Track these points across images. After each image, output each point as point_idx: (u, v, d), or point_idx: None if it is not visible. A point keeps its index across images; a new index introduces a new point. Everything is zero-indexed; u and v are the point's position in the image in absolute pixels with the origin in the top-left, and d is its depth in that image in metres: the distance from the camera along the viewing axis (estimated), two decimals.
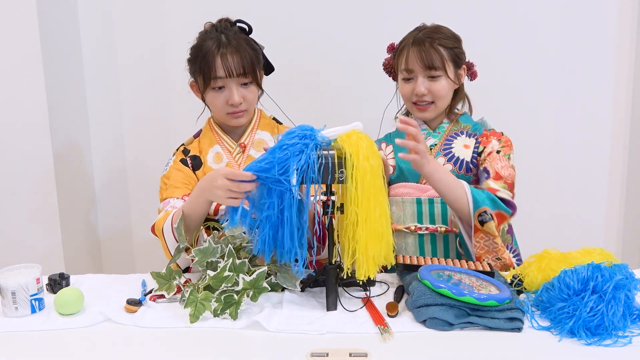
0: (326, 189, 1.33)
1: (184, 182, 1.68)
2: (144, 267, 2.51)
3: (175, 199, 1.63)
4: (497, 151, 1.68)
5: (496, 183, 1.63)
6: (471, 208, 1.55)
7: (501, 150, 1.69)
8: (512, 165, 1.68)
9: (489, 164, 1.67)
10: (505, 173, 1.65)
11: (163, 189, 1.70)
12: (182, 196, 1.64)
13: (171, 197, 1.64)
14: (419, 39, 1.68)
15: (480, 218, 1.56)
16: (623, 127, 2.50)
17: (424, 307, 1.25)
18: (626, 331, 1.19)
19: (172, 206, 1.61)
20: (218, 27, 1.66)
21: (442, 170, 1.56)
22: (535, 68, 2.45)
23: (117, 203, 2.59)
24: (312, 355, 1.13)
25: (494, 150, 1.69)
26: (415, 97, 1.70)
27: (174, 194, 1.64)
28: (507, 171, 1.66)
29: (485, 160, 1.68)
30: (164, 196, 1.68)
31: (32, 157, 2.22)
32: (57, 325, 1.30)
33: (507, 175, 1.65)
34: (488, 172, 1.66)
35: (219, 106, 1.66)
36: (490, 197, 1.58)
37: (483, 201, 1.56)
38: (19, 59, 2.15)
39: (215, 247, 1.39)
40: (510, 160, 1.69)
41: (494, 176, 1.64)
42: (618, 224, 2.59)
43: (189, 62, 1.69)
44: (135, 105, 2.51)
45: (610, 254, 1.40)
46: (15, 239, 2.28)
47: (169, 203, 1.63)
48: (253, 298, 1.32)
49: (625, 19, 2.40)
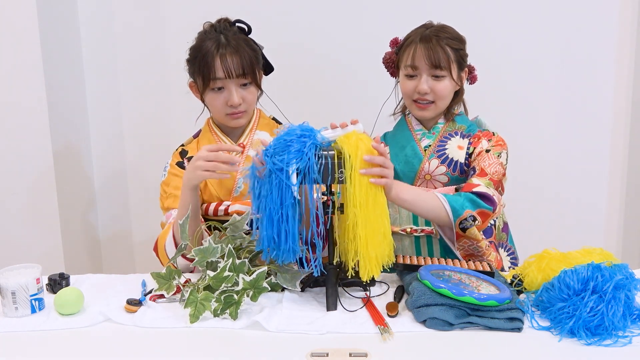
0: (326, 189, 1.33)
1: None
2: (144, 267, 2.51)
3: (176, 210, 1.61)
4: (487, 150, 1.67)
5: (479, 179, 1.60)
6: (451, 218, 1.53)
7: (491, 149, 1.68)
8: (502, 163, 1.65)
9: (477, 163, 1.66)
10: (491, 170, 1.62)
11: (163, 197, 1.69)
12: None
13: (173, 208, 1.63)
14: (427, 36, 1.66)
15: (461, 225, 1.54)
16: (623, 127, 2.50)
17: (424, 307, 1.25)
18: (626, 331, 1.19)
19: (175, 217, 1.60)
20: (217, 28, 1.65)
21: (407, 190, 1.50)
22: (535, 68, 2.45)
23: (117, 203, 2.59)
24: (312, 355, 1.13)
25: (484, 149, 1.68)
26: (416, 94, 1.69)
27: (175, 204, 1.63)
28: (493, 168, 1.63)
29: (474, 160, 1.68)
30: (165, 205, 1.67)
31: (32, 157, 2.22)
32: (57, 325, 1.30)
33: (493, 173, 1.62)
34: (475, 169, 1.64)
35: (218, 107, 1.66)
36: (469, 198, 1.55)
37: (462, 207, 1.53)
38: (19, 59, 2.15)
39: (215, 247, 1.39)
40: (500, 158, 1.66)
41: (479, 173, 1.62)
42: (618, 224, 2.59)
43: (188, 62, 1.69)
44: (135, 105, 2.51)
45: (610, 254, 1.40)
46: (15, 239, 2.28)
47: (171, 215, 1.62)
48: (253, 298, 1.32)
49: (626, 19, 2.40)
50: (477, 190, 1.57)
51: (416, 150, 1.73)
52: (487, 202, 1.56)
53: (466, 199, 1.55)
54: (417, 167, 1.72)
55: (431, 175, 1.71)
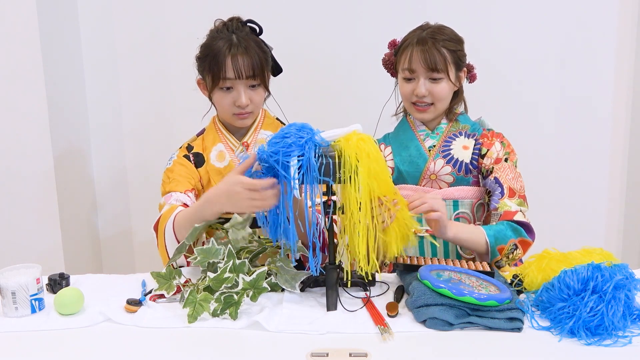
0: (326, 190, 1.33)
1: (187, 177, 1.68)
2: (144, 267, 2.50)
3: (178, 193, 1.63)
4: (505, 159, 1.69)
5: (512, 201, 1.63)
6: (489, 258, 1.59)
7: (508, 157, 1.69)
8: (520, 174, 1.70)
9: (500, 175, 1.67)
10: (517, 186, 1.66)
11: (166, 182, 1.69)
12: (184, 191, 1.64)
13: (174, 191, 1.63)
14: (423, 39, 1.66)
15: (497, 264, 1.59)
16: (623, 127, 2.50)
17: (424, 307, 1.25)
18: (626, 331, 1.19)
19: (175, 199, 1.60)
20: (229, 27, 1.65)
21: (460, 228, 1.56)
22: (535, 68, 2.45)
23: (117, 203, 2.59)
24: (312, 355, 1.13)
25: (501, 157, 1.69)
26: (415, 97, 1.70)
27: (177, 188, 1.64)
28: (518, 184, 1.67)
29: (493, 169, 1.68)
30: (166, 189, 1.67)
31: (33, 157, 2.22)
32: (57, 325, 1.30)
33: (519, 188, 1.66)
34: (501, 185, 1.65)
35: (226, 106, 1.66)
36: (512, 227, 1.59)
37: (504, 238, 1.57)
38: (19, 59, 2.15)
39: (218, 248, 1.39)
40: (517, 168, 1.70)
41: (509, 193, 1.64)
42: (618, 224, 2.59)
43: (198, 59, 1.69)
44: (136, 105, 2.51)
45: (610, 254, 1.40)
46: (15, 239, 2.28)
47: (171, 196, 1.62)
48: (253, 298, 1.32)
49: (626, 19, 2.40)
50: (517, 219, 1.61)
51: (420, 150, 1.74)
52: (527, 230, 1.61)
53: (508, 227, 1.59)
54: (422, 167, 1.72)
55: (436, 175, 1.71)
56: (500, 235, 1.57)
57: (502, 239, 1.57)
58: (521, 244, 1.59)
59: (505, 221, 1.61)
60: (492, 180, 1.68)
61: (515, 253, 1.58)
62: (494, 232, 1.57)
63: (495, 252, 1.56)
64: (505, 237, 1.57)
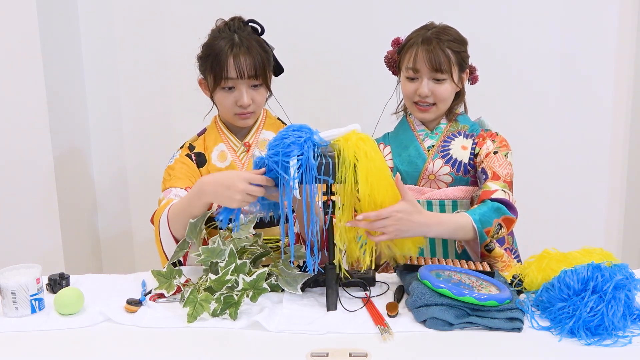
0: (326, 190, 1.33)
1: (188, 175, 1.68)
2: (144, 267, 2.48)
3: (177, 189, 1.63)
4: (494, 152, 1.68)
5: (494, 183, 1.61)
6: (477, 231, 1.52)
7: (498, 150, 1.68)
8: (510, 164, 1.67)
9: (487, 165, 1.66)
10: (503, 172, 1.63)
11: (166, 179, 1.69)
12: (185, 187, 1.64)
13: (174, 187, 1.63)
14: (428, 39, 1.65)
15: (487, 247, 1.58)
16: (623, 127, 2.50)
17: (424, 307, 1.25)
18: (626, 331, 1.19)
19: (175, 194, 1.60)
20: (231, 27, 1.65)
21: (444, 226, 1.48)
22: (535, 68, 2.45)
23: (117, 203, 2.59)
24: (312, 355, 1.13)
25: (490, 151, 1.68)
26: (417, 97, 1.69)
27: (177, 184, 1.64)
28: (505, 170, 1.64)
29: (482, 162, 1.67)
30: (166, 185, 1.67)
31: (33, 157, 2.22)
32: (57, 325, 1.30)
33: (505, 174, 1.63)
34: (486, 173, 1.64)
35: (228, 106, 1.66)
36: (494, 207, 1.54)
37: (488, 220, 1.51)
38: (19, 59, 2.15)
39: (223, 249, 1.39)
40: (507, 159, 1.67)
41: (492, 176, 1.63)
42: (618, 224, 2.59)
43: (200, 59, 1.68)
44: (136, 106, 2.51)
45: (610, 254, 1.40)
46: (15, 239, 2.28)
47: (171, 192, 1.62)
48: (253, 298, 1.32)
49: (626, 19, 2.40)
50: (497, 197, 1.56)
51: (419, 150, 1.73)
52: (510, 208, 1.56)
53: (490, 209, 1.53)
54: (421, 167, 1.72)
55: (435, 175, 1.71)
56: (484, 218, 1.52)
57: (487, 222, 1.52)
58: (505, 222, 1.54)
59: (487, 200, 1.56)
60: (479, 172, 1.67)
61: (500, 232, 1.54)
62: (478, 216, 1.51)
63: (484, 236, 1.51)
64: (489, 219, 1.52)
